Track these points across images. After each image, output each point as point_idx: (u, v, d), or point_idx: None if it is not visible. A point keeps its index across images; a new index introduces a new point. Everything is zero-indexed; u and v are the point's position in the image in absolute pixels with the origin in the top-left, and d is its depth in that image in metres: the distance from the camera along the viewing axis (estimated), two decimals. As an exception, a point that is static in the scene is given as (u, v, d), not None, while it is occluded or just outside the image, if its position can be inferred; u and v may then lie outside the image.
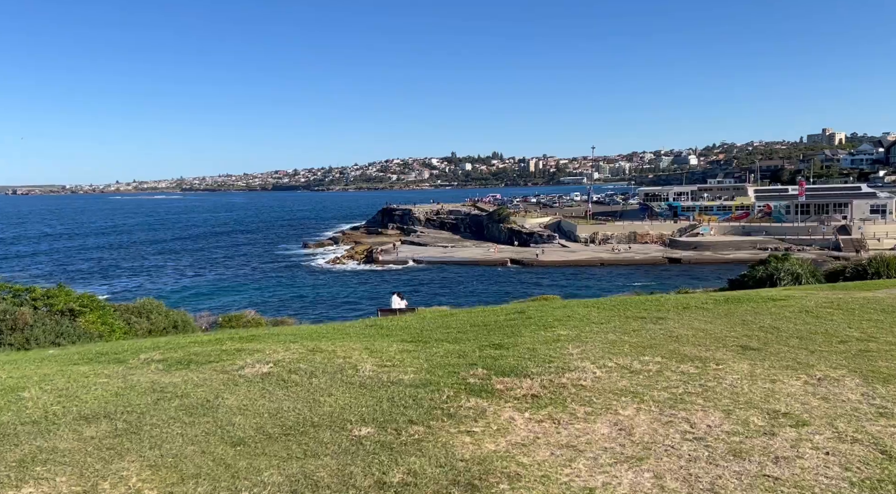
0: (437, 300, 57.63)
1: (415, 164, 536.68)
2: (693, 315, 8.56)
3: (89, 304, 25.68)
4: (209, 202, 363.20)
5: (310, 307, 59.06)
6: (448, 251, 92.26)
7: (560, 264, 78.26)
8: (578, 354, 6.38)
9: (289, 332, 8.84)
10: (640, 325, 7.93)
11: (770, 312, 8.62)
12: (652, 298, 10.19)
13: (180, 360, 6.49)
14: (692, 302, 9.59)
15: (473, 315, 9.74)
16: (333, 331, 8.65)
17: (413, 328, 8.57)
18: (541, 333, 7.54)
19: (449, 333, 7.96)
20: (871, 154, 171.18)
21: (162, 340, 8.59)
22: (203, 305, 61.12)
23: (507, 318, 8.87)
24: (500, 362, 6.13)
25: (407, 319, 10.17)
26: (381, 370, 5.95)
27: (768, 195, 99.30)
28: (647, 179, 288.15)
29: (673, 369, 5.81)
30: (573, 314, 8.71)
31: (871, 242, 79.59)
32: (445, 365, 6.08)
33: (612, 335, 7.34)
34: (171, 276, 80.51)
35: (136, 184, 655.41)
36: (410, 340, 7.47)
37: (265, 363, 6.13)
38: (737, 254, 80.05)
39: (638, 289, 59.76)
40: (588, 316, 8.56)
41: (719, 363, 5.95)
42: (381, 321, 10.37)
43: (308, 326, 10.78)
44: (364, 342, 7.31)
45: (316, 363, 6.12)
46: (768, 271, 26.54)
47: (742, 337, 7.11)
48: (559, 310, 9.28)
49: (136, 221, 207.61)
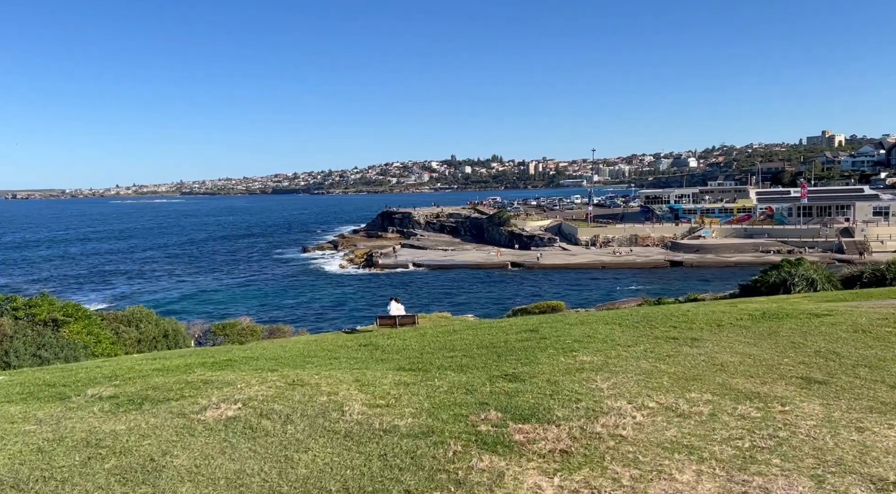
0: (438, 305, 56.51)
1: (414, 167, 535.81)
2: (731, 335, 7.50)
3: (74, 313, 24.54)
4: (209, 206, 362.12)
5: (308, 313, 57.99)
6: (448, 255, 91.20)
7: (561, 267, 77.24)
8: (610, 389, 5.31)
9: (271, 354, 7.78)
10: (673, 348, 6.87)
11: (820, 332, 7.55)
12: (678, 312, 9.14)
13: (133, 397, 5.42)
14: (725, 319, 8.53)
15: (480, 333, 8.66)
16: (321, 353, 7.57)
17: (412, 351, 7.50)
18: (560, 359, 6.48)
19: (453, 357, 6.90)
20: (871, 156, 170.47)
21: (125, 365, 7.51)
22: (200, 310, 60.11)
23: (518, 338, 7.80)
24: (516, 400, 5.06)
25: (405, 336, 9.09)
26: (372, 411, 4.89)
27: (770, 198, 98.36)
28: (646, 181, 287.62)
29: (729, 411, 4.75)
30: (594, 334, 7.64)
31: (875, 244, 78.68)
32: (451, 405, 5.01)
33: (644, 361, 6.27)
34: (169, 281, 79.43)
35: (135, 188, 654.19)
36: (409, 367, 6.41)
37: (233, 402, 5.06)
38: (739, 257, 79.08)
39: (642, 294, 58.67)
40: (612, 336, 7.50)
41: (784, 403, 4.88)
42: (377, 338, 9.29)
43: (295, 343, 9.67)
44: (354, 372, 6.24)
45: (294, 402, 5.05)
46: (781, 276, 25.57)
47: (799, 366, 6.05)
48: (577, 328, 8.21)
49: (136, 225, 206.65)
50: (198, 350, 10.04)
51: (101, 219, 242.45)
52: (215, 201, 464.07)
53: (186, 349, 14.19)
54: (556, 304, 28.29)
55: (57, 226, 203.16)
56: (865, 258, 75.41)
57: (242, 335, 31.29)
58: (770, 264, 73.87)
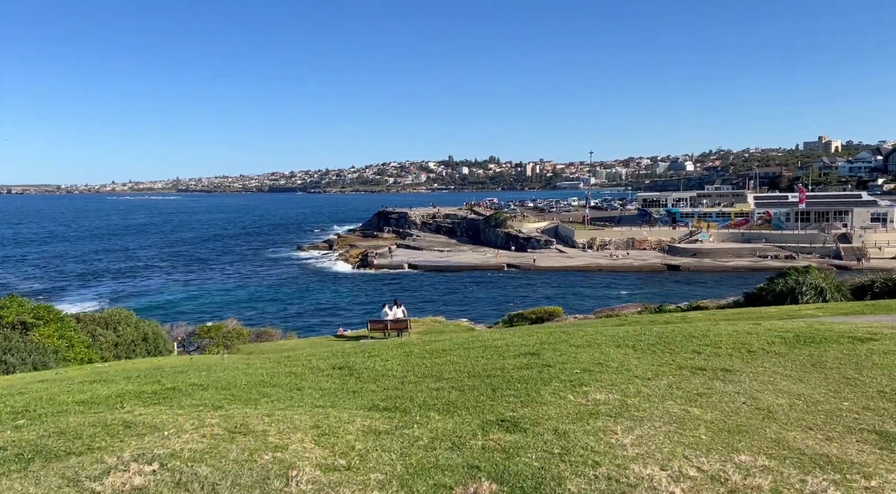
0: (433, 307, 55.34)
1: (412, 167, 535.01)
2: (768, 366, 6.35)
3: (45, 316, 23.22)
4: (204, 204, 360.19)
5: (300, 313, 56.79)
6: (444, 256, 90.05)
7: (558, 270, 76.24)
8: (635, 445, 4.15)
9: (227, 380, 6.59)
10: (704, 383, 5.72)
11: (873, 362, 6.40)
12: (698, 332, 7.99)
13: (27, 447, 4.24)
14: (755, 342, 7.38)
15: (473, 355, 7.49)
16: (286, 377, 6.40)
17: (392, 378, 6.33)
18: (568, 396, 5.32)
19: (440, 390, 5.74)
20: (869, 162, 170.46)
21: (48, 393, 6.30)
22: (190, 309, 58.80)
23: (517, 364, 6.64)
24: (515, 462, 3.89)
25: (388, 356, 7.92)
26: (328, 478, 3.71)
27: (768, 202, 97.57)
28: (643, 184, 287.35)
29: (797, 486, 3.59)
30: (606, 361, 6.50)
31: (872, 250, 78.01)
32: (431, 468, 3.84)
33: (672, 402, 5.12)
34: (159, 280, 78.02)
35: (132, 184, 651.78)
36: (384, 405, 5.24)
37: (149, 462, 3.88)
38: (736, 262, 78.22)
39: (639, 298, 57.60)
40: (627, 364, 6.35)
41: (868, 475, 3.71)
42: (355, 358, 8.11)
43: (264, 362, 8.47)
44: (316, 411, 5.07)
45: (228, 463, 3.87)
46: (788, 284, 24.52)
47: (865, 412, 4.89)
48: (584, 352, 7.06)
49: (129, 222, 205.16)
50: (148, 369, 8.83)
51: (96, 215, 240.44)
52: (211, 198, 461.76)
53: (144, 360, 13.02)
54: (553, 309, 27.24)
55: (50, 222, 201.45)
56: (863, 265, 74.62)
57: (228, 337, 30.00)
58: (768, 270, 73.33)
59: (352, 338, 27.14)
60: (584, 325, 9.80)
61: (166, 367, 9.45)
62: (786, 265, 75.10)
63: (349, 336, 28.11)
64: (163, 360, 13.18)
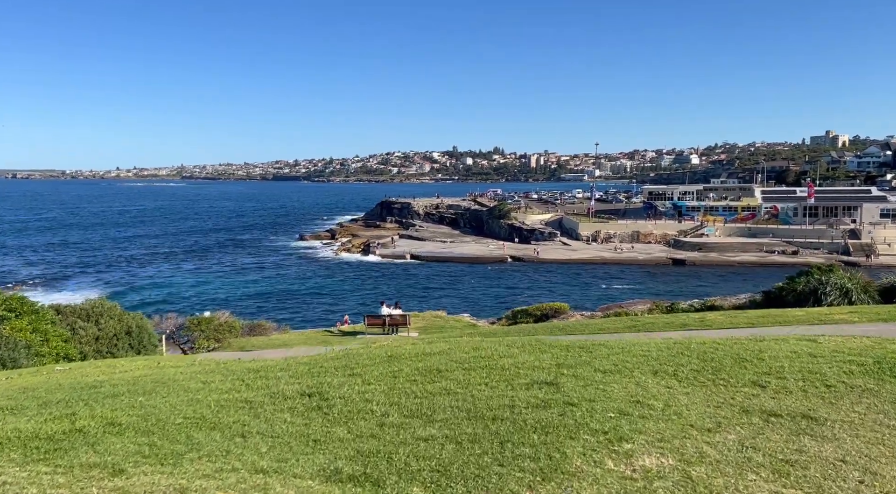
0: (434, 300, 54.03)
1: (416, 157, 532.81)
2: (862, 409, 4.81)
3: (18, 308, 21.68)
4: (208, 191, 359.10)
5: (299, 304, 55.45)
6: (447, 247, 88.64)
7: (561, 262, 74.79)
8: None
9: (159, 415, 5.08)
10: (787, 440, 4.19)
11: None
12: (747, 351, 6.41)
13: None
14: (826, 369, 5.83)
15: (473, 381, 6.00)
16: (230, 417, 4.90)
17: (370, 417, 4.86)
18: (606, 462, 3.80)
19: (429, 442, 4.26)
20: (878, 157, 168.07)
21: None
22: (184, 299, 57.50)
23: (531, 399, 5.15)
24: None
25: (371, 378, 6.45)
26: None
27: (776, 197, 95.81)
28: (648, 177, 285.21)
29: None
30: (645, 396, 5.01)
31: (882, 247, 76.38)
32: None
33: (754, 477, 3.58)
34: (156, 268, 76.65)
35: (136, 171, 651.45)
36: (349, 473, 3.70)
37: None
38: (743, 257, 76.70)
39: (645, 294, 56.14)
40: (673, 403, 4.84)
41: None
42: (332, 379, 6.64)
43: (222, 381, 6.99)
44: (254, 480, 3.60)
45: None
46: (811, 284, 22.82)
47: None
48: (614, 380, 5.55)
49: (131, 209, 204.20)
50: (86, 385, 7.35)
51: (97, 201, 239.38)
52: (215, 186, 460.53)
53: (107, 363, 11.56)
54: (559, 306, 25.82)
55: (53, 209, 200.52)
56: (872, 261, 73.07)
57: (219, 331, 28.50)
58: (774, 265, 71.65)
59: (348, 333, 25.97)
60: (606, 341, 8.20)
61: (113, 381, 7.99)
62: (792, 261, 73.86)
63: (345, 331, 26.93)
64: (126, 364, 11.74)
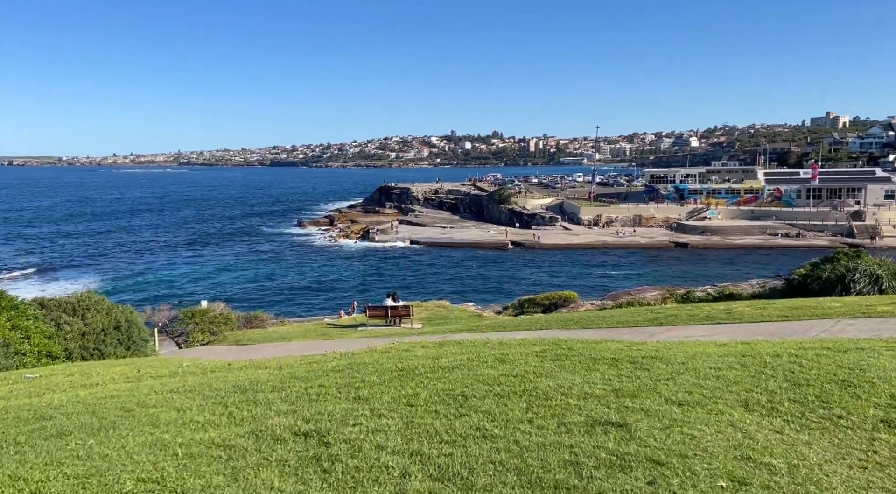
0: (436, 287, 53.98)
1: (414, 141, 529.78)
2: None
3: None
4: (206, 177, 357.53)
5: (295, 294, 55.24)
6: (447, 232, 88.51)
7: (563, 247, 74.69)
8: None
9: (116, 464, 4.61)
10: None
11: None
12: (850, 373, 6.04)
13: None
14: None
15: (512, 417, 5.20)
16: (198, 481, 4.10)
17: (385, 477, 4.12)
18: None
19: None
20: (881, 138, 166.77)
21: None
22: (179, 289, 57.17)
23: (599, 454, 4.39)
24: None
25: (382, 407, 5.53)
26: None
27: (779, 178, 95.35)
28: (647, 160, 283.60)
29: None
30: (755, 449, 4.43)
31: (886, 228, 76.18)
32: None
33: None
34: (152, 258, 76.27)
35: (133, 157, 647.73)
36: None
37: None
38: (746, 239, 76.68)
39: (649, 279, 56.16)
40: (801, 463, 4.25)
41: None
42: (335, 406, 5.83)
43: (192, 415, 5.92)
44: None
45: None
46: (837, 271, 20.84)
47: None
48: (701, 422, 4.94)
49: (128, 196, 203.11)
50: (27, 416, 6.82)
51: (93, 188, 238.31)
52: (213, 172, 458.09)
53: (75, 367, 11.49)
54: (567, 295, 25.76)
55: (47, 196, 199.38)
56: (877, 243, 73.00)
57: (215, 323, 27.63)
58: (778, 248, 71.34)
59: (349, 325, 25.52)
60: (657, 352, 7.53)
61: (74, 403, 7.39)
62: (796, 243, 73.84)
63: (346, 324, 26.48)
64: (103, 372, 11.44)
